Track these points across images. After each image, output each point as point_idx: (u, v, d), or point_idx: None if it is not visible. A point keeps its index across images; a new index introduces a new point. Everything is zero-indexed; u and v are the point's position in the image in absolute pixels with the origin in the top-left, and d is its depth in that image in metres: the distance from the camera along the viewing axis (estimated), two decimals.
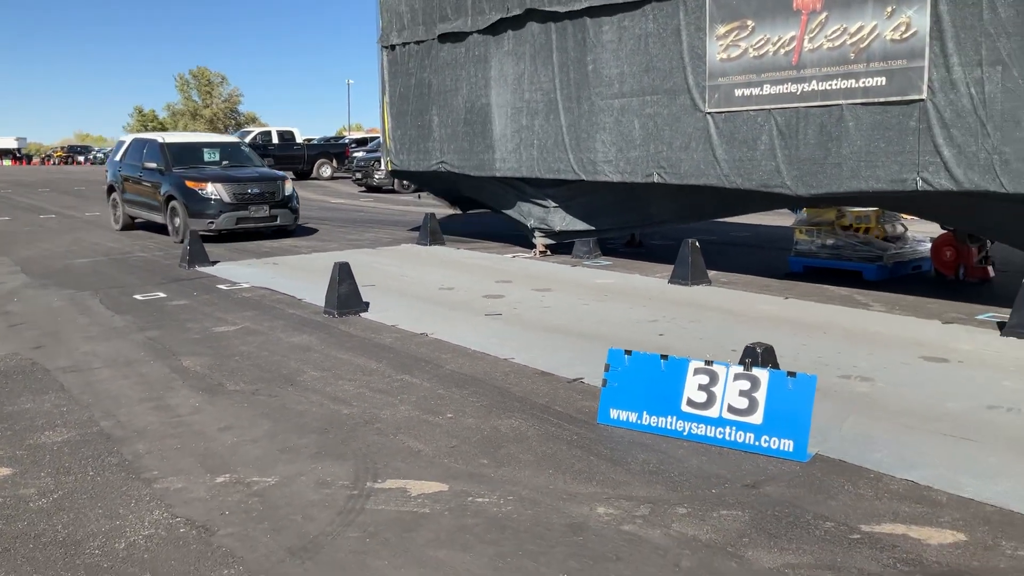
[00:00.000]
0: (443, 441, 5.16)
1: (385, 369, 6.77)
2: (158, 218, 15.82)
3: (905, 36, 7.95)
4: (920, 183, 7.94)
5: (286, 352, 7.37)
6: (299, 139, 36.63)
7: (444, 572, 3.62)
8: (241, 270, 11.92)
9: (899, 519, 4.00)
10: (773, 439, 4.79)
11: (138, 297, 10.01)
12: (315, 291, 9.84)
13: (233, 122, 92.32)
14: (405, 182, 27.02)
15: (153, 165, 15.72)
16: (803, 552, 3.71)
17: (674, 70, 10.07)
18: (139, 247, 14.84)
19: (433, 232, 14.49)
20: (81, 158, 73.05)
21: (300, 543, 3.90)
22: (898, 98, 8.03)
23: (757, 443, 4.84)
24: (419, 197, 23.71)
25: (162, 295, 10.11)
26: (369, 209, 22.96)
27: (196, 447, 5.14)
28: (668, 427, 5.13)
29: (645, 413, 5.22)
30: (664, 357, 5.27)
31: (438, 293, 10.00)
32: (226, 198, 14.93)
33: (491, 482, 4.54)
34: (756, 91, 9.22)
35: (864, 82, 8.27)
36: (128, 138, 18.22)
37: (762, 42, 9.11)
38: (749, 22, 9.22)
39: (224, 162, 16.53)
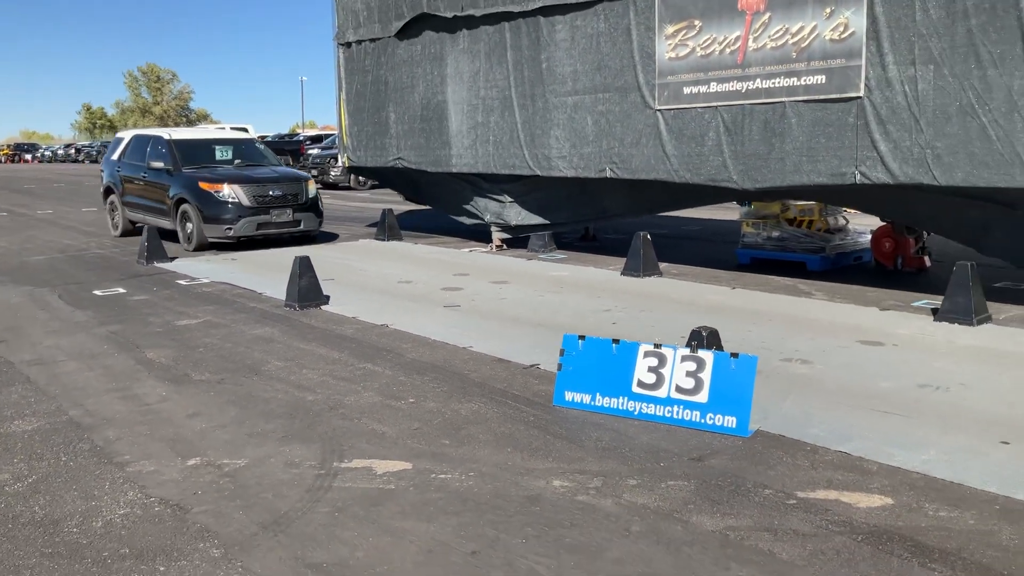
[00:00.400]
0: (406, 424, 5.39)
1: (347, 358, 6.97)
2: (165, 223, 14.09)
3: (843, 36, 8.34)
4: (858, 177, 8.33)
5: (249, 343, 7.52)
6: (252, 136, 36.40)
7: (411, 540, 3.85)
8: (200, 265, 12.00)
9: (832, 486, 4.33)
10: (717, 416, 5.10)
11: (97, 293, 10.07)
12: (275, 285, 9.99)
13: (184, 119, 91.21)
14: (361, 179, 27.16)
15: (160, 165, 14.15)
16: (743, 516, 4.01)
17: (625, 68, 10.38)
18: (95, 244, 14.79)
19: (391, 227, 14.66)
20: (28, 156, 71.66)
21: (272, 518, 4.11)
22: (837, 95, 8.42)
23: (703, 420, 5.14)
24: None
25: (121, 290, 10.17)
26: (326, 206, 22.95)
27: (165, 433, 5.31)
28: (620, 407, 5.41)
29: (598, 395, 5.49)
30: (616, 341, 5.55)
31: (397, 286, 10.20)
32: (245, 201, 13.28)
33: (453, 460, 4.78)
34: (703, 89, 9.56)
35: (805, 80, 8.65)
36: (127, 135, 16.37)
37: (709, 41, 9.45)
38: (696, 22, 9.55)
39: (236, 160, 14.92)
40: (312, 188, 14.24)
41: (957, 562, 3.54)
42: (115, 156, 15.95)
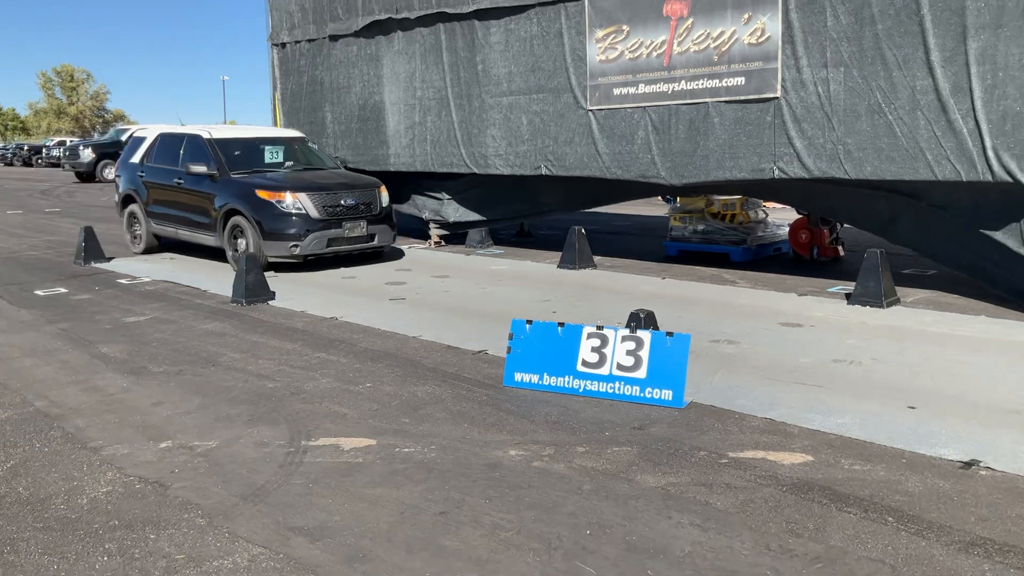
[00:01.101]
0: (366, 406, 5.72)
1: (301, 349, 7.24)
2: (208, 239, 11.87)
3: (761, 40, 8.94)
4: (776, 172, 8.94)
5: (201, 337, 7.73)
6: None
7: (383, 505, 4.20)
8: (139, 265, 12.05)
9: (759, 447, 4.82)
10: (655, 390, 5.56)
11: (39, 293, 10.09)
12: (219, 283, 10.16)
13: (100, 120, 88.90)
14: None
15: (202, 169, 11.67)
16: (681, 474, 4.47)
17: (558, 70, 10.84)
18: (27, 246, 14.61)
19: None
20: None
21: (250, 491, 4.41)
22: (756, 96, 9.02)
23: (642, 394, 5.59)
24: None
25: (63, 290, 10.21)
26: None
27: (133, 420, 5.53)
28: (566, 385, 5.83)
29: (546, 374, 5.91)
30: (561, 325, 5.97)
31: (341, 282, 10.46)
32: (313, 212, 10.95)
33: (414, 436, 5.13)
34: (632, 90, 10.08)
35: (727, 82, 9.23)
36: (149, 132, 13.63)
37: (636, 45, 9.97)
38: (624, 27, 10.06)
39: (288, 163, 12.47)
40: (385, 195, 11.92)
41: (869, 506, 4.05)
42: (136, 158, 13.36)
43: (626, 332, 5.76)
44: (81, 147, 34.73)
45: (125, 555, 3.73)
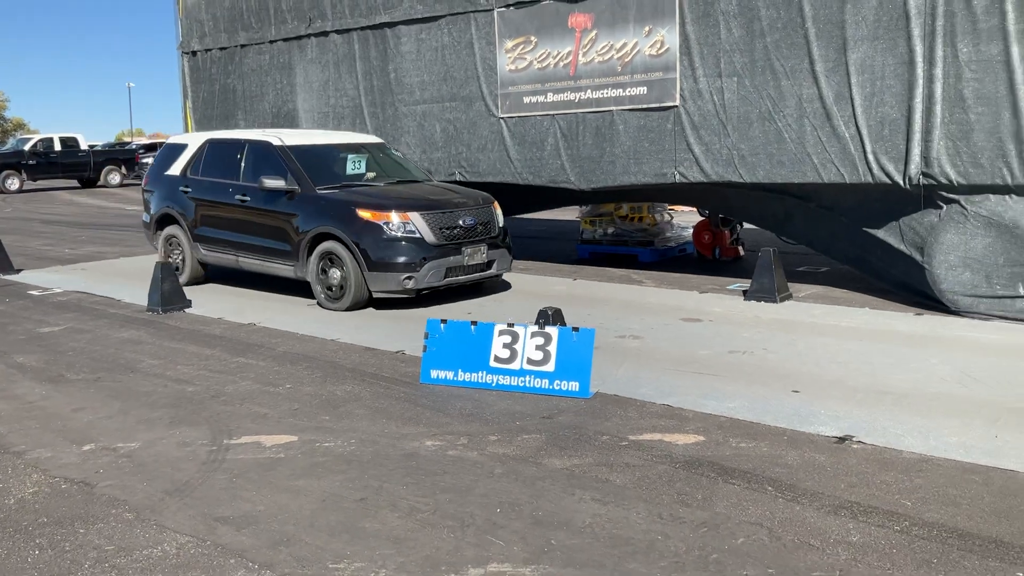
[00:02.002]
0: (286, 405, 5.92)
1: (220, 354, 7.38)
2: (283, 269, 9.60)
3: (660, 52, 9.43)
4: (677, 176, 9.44)
5: (118, 346, 7.78)
6: (83, 145, 35.07)
7: (305, 495, 4.43)
8: (49, 276, 11.90)
9: (657, 430, 5.22)
10: (563, 382, 5.92)
11: None
12: (133, 292, 10.16)
13: None
14: None
15: (279, 184, 9.38)
16: (586, 456, 4.83)
17: (469, 79, 11.17)
18: None
19: None
20: None
21: (175, 487, 4.58)
22: (657, 105, 9.51)
23: (551, 386, 5.94)
24: None
25: None
26: None
27: (55, 425, 5.62)
28: (480, 380, 6.14)
29: (460, 370, 6.21)
30: (474, 323, 6.28)
31: (259, 289, 10.55)
32: (429, 236, 8.83)
33: (334, 431, 5.37)
34: (541, 99, 10.48)
35: (630, 91, 9.70)
36: (194, 140, 11.23)
37: (544, 56, 10.38)
38: (532, 38, 10.46)
39: (370, 174, 10.15)
40: (500, 213, 9.79)
41: (752, 477, 4.47)
42: (174, 170, 11.00)
43: (535, 329, 6.11)
44: None
45: (56, 548, 3.88)
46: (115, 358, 7.33)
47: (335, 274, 9.00)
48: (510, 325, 6.19)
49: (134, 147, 39.40)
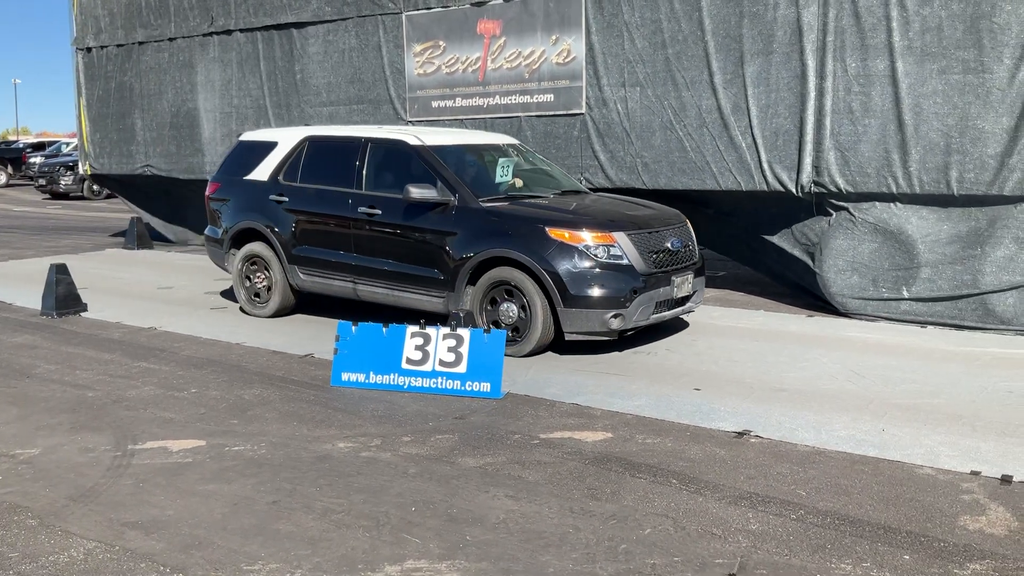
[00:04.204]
0: (192, 410, 5.83)
1: (120, 359, 7.19)
2: (429, 301, 7.60)
3: (567, 60, 9.63)
4: (584, 182, 9.64)
5: (12, 351, 7.49)
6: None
7: (215, 499, 4.38)
8: None
9: (566, 428, 5.35)
10: (475, 383, 6.01)
11: None
12: (25, 296, 9.77)
13: None
14: (96, 188, 25.82)
15: (430, 195, 7.43)
16: (498, 455, 4.92)
17: (377, 82, 11.16)
18: None
19: (140, 236, 14.39)
20: None
21: (79, 492, 4.47)
22: (564, 112, 9.71)
23: (463, 387, 6.02)
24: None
25: None
26: (60, 216, 21.80)
27: None
28: (392, 383, 6.17)
29: (372, 373, 6.23)
30: (386, 325, 6.31)
31: (158, 292, 10.30)
32: (639, 263, 7.04)
33: (243, 435, 5.32)
34: (450, 103, 10.55)
35: (537, 98, 9.88)
36: (287, 135, 8.97)
37: (453, 61, 10.46)
38: (441, 43, 10.52)
39: (516, 182, 8.17)
40: (693, 233, 7.95)
41: (657, 471, 4.65)
42: (259, 174, 8.80)
43: (447, 331, 6.17)
44: None
45: None
46: (9, 363, 7.05)
47: (510, 310, 7.10)
48: (422, 327, 6.24)
49: (21, 146, 37.70)
